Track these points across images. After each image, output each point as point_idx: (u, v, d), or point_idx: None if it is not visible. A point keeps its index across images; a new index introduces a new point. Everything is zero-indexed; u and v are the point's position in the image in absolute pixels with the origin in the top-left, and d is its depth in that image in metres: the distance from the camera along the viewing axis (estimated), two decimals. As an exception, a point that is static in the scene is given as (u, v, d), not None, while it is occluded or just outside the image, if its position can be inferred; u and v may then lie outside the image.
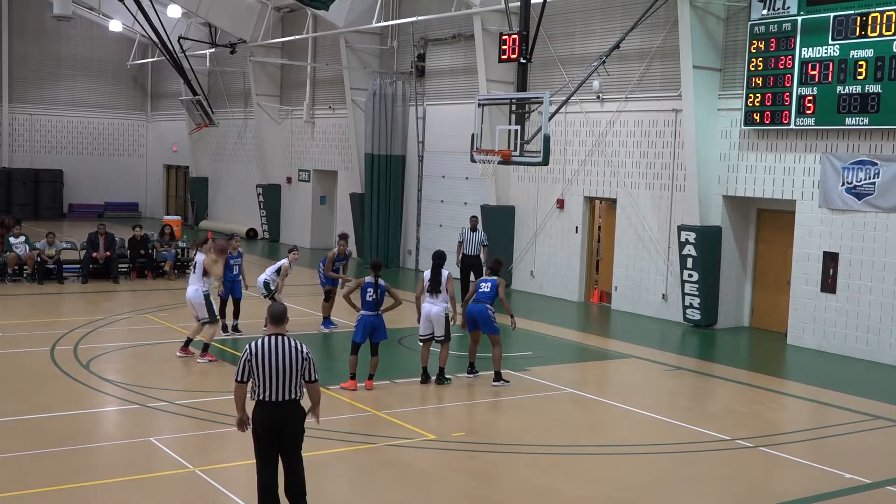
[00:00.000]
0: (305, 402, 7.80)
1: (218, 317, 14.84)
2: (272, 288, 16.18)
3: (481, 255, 20.31)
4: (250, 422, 7.71)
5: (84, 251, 22.43)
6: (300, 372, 7.60)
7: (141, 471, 9.47)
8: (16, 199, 38.07)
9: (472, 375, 13.86)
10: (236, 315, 16.35)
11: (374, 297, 12.89)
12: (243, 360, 7.60)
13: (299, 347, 7.61)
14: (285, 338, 7.63)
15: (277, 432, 7.60)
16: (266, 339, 7.60)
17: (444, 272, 13.27)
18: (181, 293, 20.75)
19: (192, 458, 9.76)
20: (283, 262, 16.38)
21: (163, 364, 14.18)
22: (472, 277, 20.53)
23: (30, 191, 38.78)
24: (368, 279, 12.99)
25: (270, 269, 16.51)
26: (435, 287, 13.16)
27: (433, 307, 13.17)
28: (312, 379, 7.70)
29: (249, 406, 7.77)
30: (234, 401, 7.82)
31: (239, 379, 7.65)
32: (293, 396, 7.60)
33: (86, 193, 40.75)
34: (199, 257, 14.63)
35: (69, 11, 26.08)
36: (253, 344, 7.60)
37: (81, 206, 40.17)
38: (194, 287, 14.48)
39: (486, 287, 13.67)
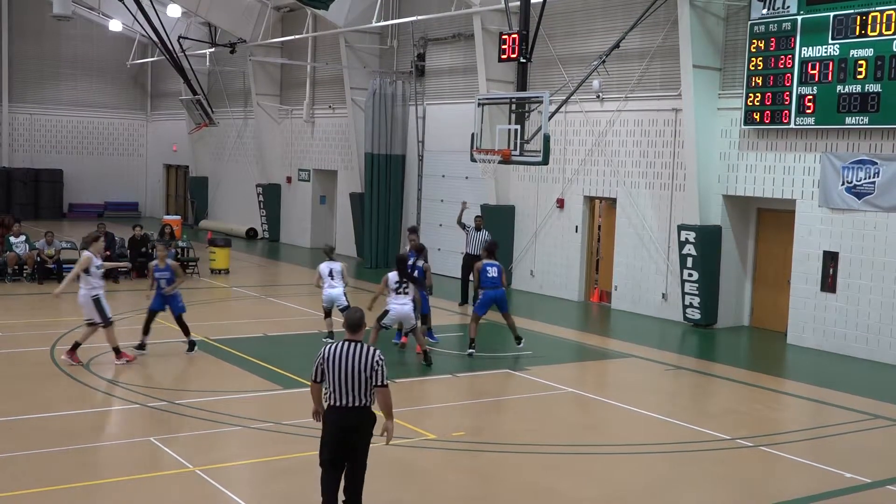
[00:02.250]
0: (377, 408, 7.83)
1: (111, 318, 13.78)
2: (346, 301, 15.62)
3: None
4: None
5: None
6: (370, 378, 7.60)
7: (141, 471, 9.47)
8: (16, 199, 38.06)
9: (472, 351, 15.18)
10: (186, 332, 14.74)
11: (414, 275, 14.70)
12: (316, 362, 7.75)
13: (371, 354, 7.62)
14: (358, 344, 7.66)
15: (346, 437, 7.67)
16: (340, 344, 7.67)
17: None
18: (181, 293, 20.75)
19: (192, 457, 9.75)
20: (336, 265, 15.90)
21: (163, 364, 14.18)
22: (471, 277, 20.59)
23: (30, 190, 38.78)
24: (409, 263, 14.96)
25: (338, 280, 15.76)
26: (405, 288, 14.21)
27: (405, 307, 14.18)
28: (381, 383, 7.65)
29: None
30: (311, 397, 8.05)
31: (314, 379, 7.83)
32: (362, 402, 7.63)
33: (86, 193, 40.75)
34: (85, 255, 13.68)
35: (69, 11, 26.07)
36: (327, 348, 7.71)
37: (81, 205, 40.17)
38: (82, 290, 13.66)
39: (493, 272, 15.38)
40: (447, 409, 12.49)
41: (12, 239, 21.71)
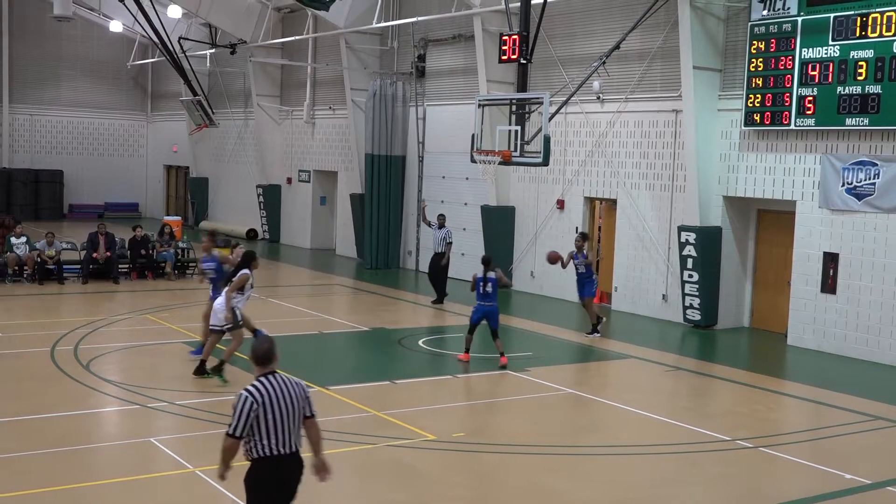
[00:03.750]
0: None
1: None
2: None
3: (447, 253, 20.72)
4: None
5: (84, 251, 22.42)
6: (303, 412, 6.57)
7: (141, 471, 9.47)
8: (16, 200, 38.05)
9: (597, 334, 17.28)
10: None
11: (486, 288, 14.47)
12: (247, 410, 6.29)
13: (300, 383, 6.59)
14: (282, 375, 6.53)
15: (287, 492, 6.55)
16: (266, 380, 6.42)
17: (244, 271, 12.97)
18: (181, 293, 20.81)
19: (192, 458, 9.76)
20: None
21: (163, 364, 14.18)
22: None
23: (30, 191, 38.78)
24: (481, 275, 14.57)
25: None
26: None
27: (218, 300, 13.17)
28: (314, 413, 6.68)
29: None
30: (222, 456, 6.46)
31: (239, 434, 6.33)
32: (297, 447, 6.54)
33: (86, 194, 40.74)
34: None
35: (69, 12, 26.11)
36: (254, 389, 6.36)
37: (81, 206, 40.16)
38: None
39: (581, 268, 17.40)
40: (447, 409, 12.48)
41: (13, 240, 21.71)
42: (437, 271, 20.75)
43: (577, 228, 21.43)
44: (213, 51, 34.21)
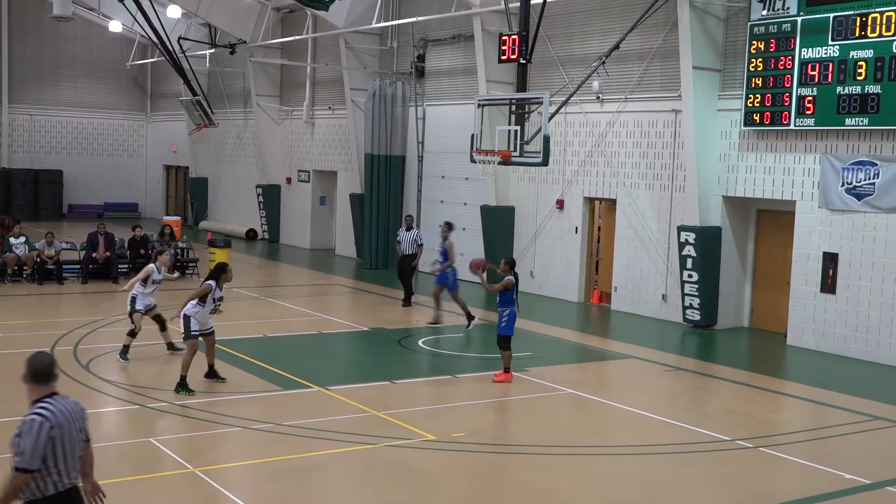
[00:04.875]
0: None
1: None
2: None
3: (419, 255, 20.50)
4: None
5: (84, 251, 22.43)
6: (80, 438, 5.82)
7: (141, 471, 9.47)
8: (15, 200, 38.05)
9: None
10: None
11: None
12: (45, 437, 5.49)
13: (79, 404, 5.89)
14: (63, 396, 5.86)
15: None
16: (53, 401, 5.73)
17: (207, 283, 12.78)
18: (181, 293, 20.76)
19: (192, 458, 9.76)
20: (149, 266, 14.61)
21: (163, 364, 14.18)
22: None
23: (29, 191, 38.78)
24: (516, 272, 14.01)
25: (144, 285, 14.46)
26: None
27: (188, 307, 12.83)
28: (88, 438, 5.95)
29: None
30: (8, 496, 5.55)
31: (35, 467, 5.48)
32: (77, 477, 5.80)
33: (85, 194, 40.75)
34: None
35: (69, 12, 26.09)
36: (46, 412, 5.63)
37: (81, 206, 40.16)
38: None
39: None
40: (447, 409, 12.48)
41: (12, 240, 21.71)
42: (406, 272, 20.61)
43: (576, 229, 21.46)
44: (212, 51, 34.20)
